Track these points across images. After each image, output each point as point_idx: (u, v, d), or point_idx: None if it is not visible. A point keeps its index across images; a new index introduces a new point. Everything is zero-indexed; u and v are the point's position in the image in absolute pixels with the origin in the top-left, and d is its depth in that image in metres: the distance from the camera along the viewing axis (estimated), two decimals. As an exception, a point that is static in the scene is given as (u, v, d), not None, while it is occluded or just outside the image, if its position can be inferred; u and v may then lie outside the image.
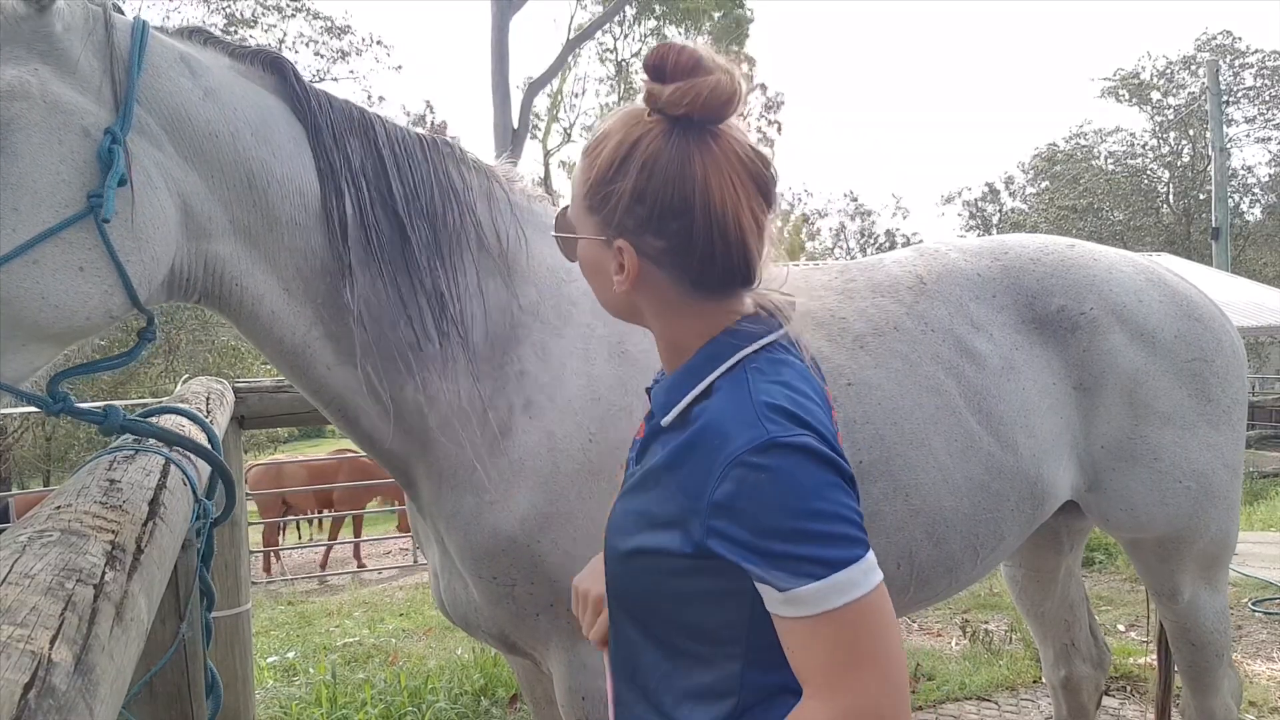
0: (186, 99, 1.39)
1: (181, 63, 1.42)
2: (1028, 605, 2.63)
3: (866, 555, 0.86)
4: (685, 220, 0.95)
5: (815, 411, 0.92)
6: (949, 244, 2.16)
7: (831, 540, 0.85)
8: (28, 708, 0.59)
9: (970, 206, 39.83)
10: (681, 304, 1.01)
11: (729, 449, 0.88)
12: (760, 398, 0.91)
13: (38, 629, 0.69)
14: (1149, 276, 2.14)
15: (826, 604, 0.84)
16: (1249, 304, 13.89)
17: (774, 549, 0.84)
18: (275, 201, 1.47)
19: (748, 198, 0.96)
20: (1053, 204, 30.84)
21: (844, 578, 0.84)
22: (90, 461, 1.36)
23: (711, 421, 0.92)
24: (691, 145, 0.95)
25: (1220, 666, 2.26)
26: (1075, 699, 2.63)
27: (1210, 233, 18.58)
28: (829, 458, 0.88)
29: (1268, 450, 13.60)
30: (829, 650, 0.85)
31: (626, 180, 0.97)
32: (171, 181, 1.37)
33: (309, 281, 1.52)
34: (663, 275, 0.99)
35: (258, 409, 2.88)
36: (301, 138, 1.52)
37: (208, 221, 1.42)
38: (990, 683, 4.02)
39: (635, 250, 0.99)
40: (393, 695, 3.92)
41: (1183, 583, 2.18)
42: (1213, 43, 29.23)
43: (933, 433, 1.85)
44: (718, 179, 0.95)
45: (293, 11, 16.50)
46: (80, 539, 0.93)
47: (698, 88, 0.94)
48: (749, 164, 0.97)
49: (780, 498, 0.85)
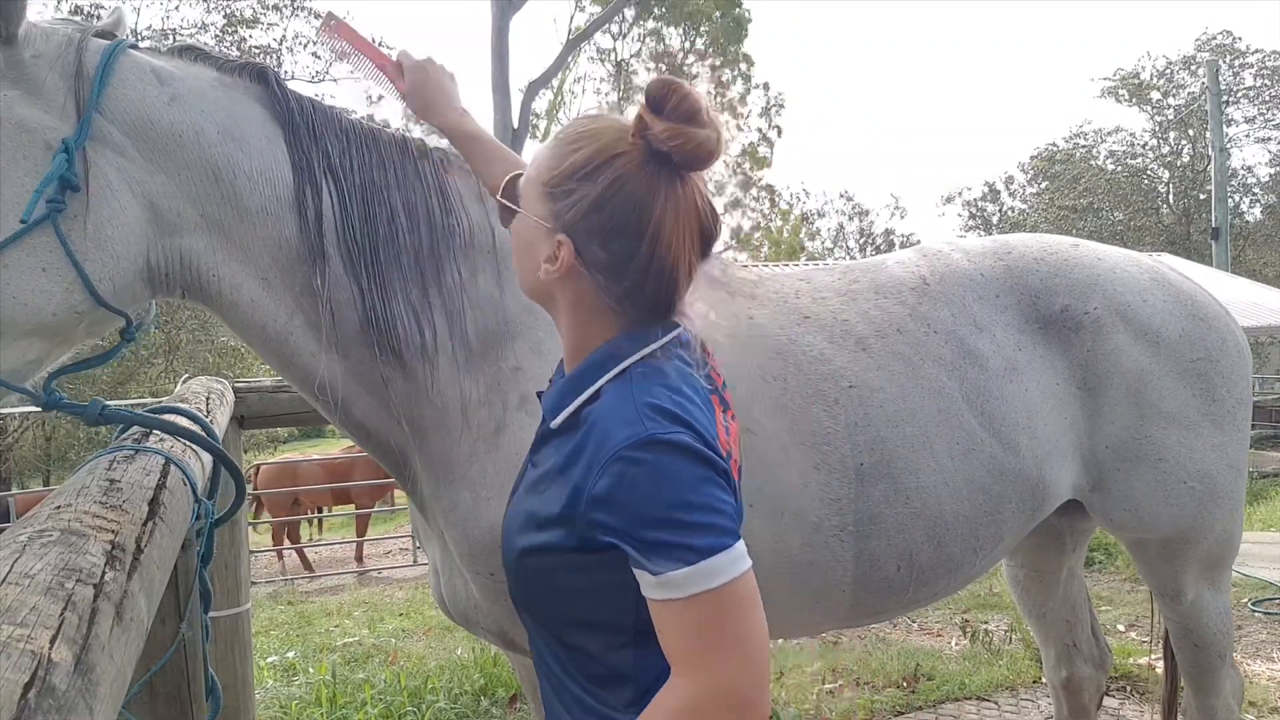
0: (150, 106, 1.48)
1: (151, 74, 1.50)
2: (1029, 605, 2.62)
3: (735, 545, 0.93)
4: (632, 246, 1.01)
5: (694, 411, 0.98)
6: (951, 244, 2.16)
7: (701, 529, 0.91)
8: (27, 707, 0.59)
9: (970, 206, 39.83)
10: (597, 311, 1.06)
11: (609, 445, 0.94)
12: (642, 399, 0.97)
13: (37, 629, 0.69)
14: (1153, 276, 2.13)
15: (694, 587, 0.90)
16: (1249, 304, 13.88)
17: (648, 536, 0.91)
18: (243, 193, 1.53)
19: (690, 247, 1.03)
20: (1053, 204, 30.83)
21: (711, 564, 0.90)
22: (90, 461, 1.36)
23: (596, 422, 0.98)
24: (661, 182, 1.01)
25: (1223, 667, 2.26)
26: (1076, 699, 2.63)
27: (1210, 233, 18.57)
28: (703, 454, 0.94)
29: (1268, 450, 13.60)
30: (695, 631, 0.91)
31: (593, 187, 1.01)
32: (135, 184, 1.46)
33: (286, 270, 1.56)
34: (590, 281, 1.04)
35: (258, 409, 2.88)
36: (277, 136, 1.58)
37: (177, 217, 1.50)
38: (990, 683, 4.02)
39: (575, 250, 1.03)
40: (392, 695, 3.92)
41: (1186, 583, 2.17)
42: (1213, 43, 29.22)
43: (935, 435, 1.85)
44: (672, 222, 1.01)
45: (292, 11, 16.48)
46: (80, 539, 0.93)
47: (688, 137, 1.00)
48: (702, 217, 1.04)
49: (655, 489, 0.91)
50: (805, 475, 1.77)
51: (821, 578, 1.81)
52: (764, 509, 1.73)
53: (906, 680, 4.10)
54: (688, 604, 0.90)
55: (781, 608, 1.84)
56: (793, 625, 1.99)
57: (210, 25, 16.06)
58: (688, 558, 0.89)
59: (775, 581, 1.79)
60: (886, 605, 1.95)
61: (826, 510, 1.78)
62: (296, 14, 16.55)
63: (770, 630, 1.94)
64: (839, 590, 1.84)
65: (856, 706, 3.80)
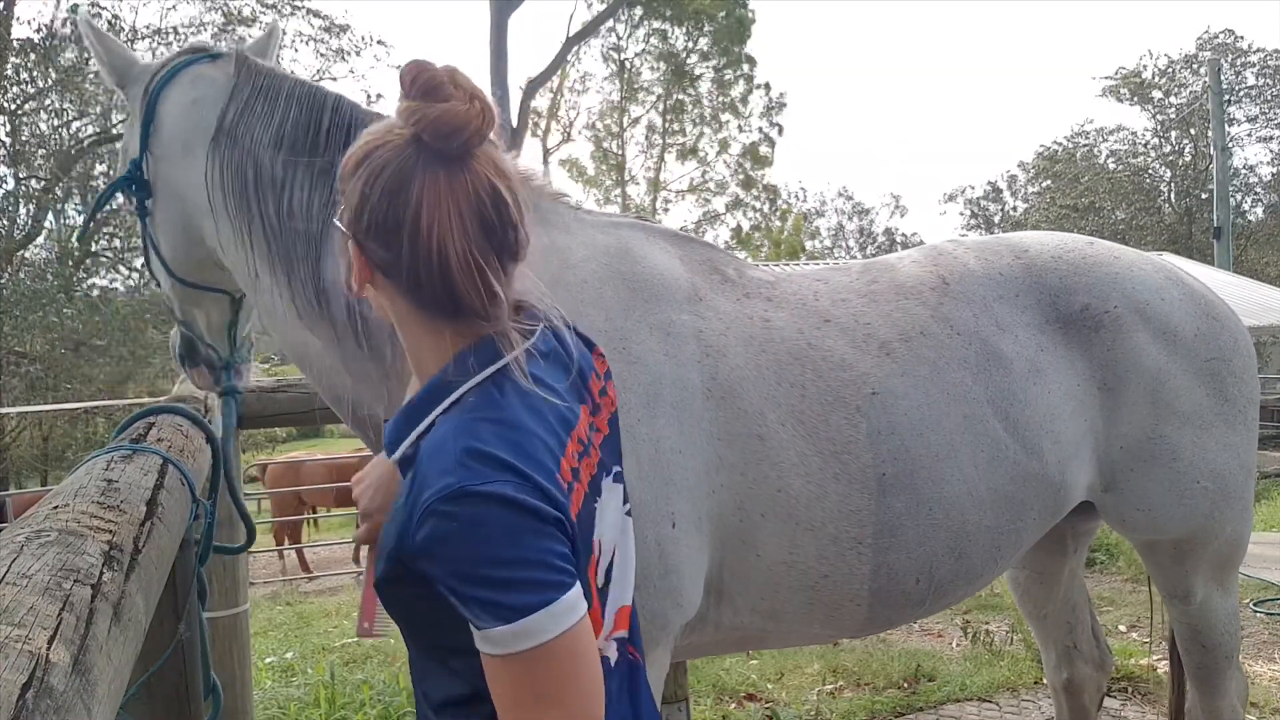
0: (180, 113, 1.71)
1: (189, 84, 1.73)
2: (1030, 607, 2.60)
3: (559, 599, 0.87)
4: (396, 239, 0.94)
5: (528, 448, 0.91)
6: (963, 242, 2.12)
7: (517, 586, 0.86)
8: (25, 708, 0.58)
9: (972, 205, 39.85)
10: (411, 317, 1.00)
11: (424, 496, 0.88)
12: (462, 442, 0.90)
13: (35, 629, 0.69)
14: (1168, 275, 2.10)
15: (512, 646, 0.86)
16: (1250, 303, 13.89)
17: (465, 592, 0.86)
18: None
19: (465, 237, 0.94)
20: (1054, 203, 30.85)
21: (529, 624, 0.85)
22: (88, 461, 1.36)
23: (419, 465, 0.92)
24: (418, 169, 0.94)
25: (1230, 669, 2.24)
26: (1077, 701, 2.61)
27: (1212, 232, 18.58)
28: (524, 504, 0.87)
29: (1269, 450, 13.59)
30: (514, 687, 0.88)
31: (357, 182, 0.97)
32: (175, 182, 1.72)
33: (269, 249, 1.66)
34: (390, 284, 0.99)
35: (256, 409, 2.87)
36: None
37: (194, 205, 1.70)
38: (991, 684, 4.01)
39: (362, 252, 0.99)
40: (391, 695, 3.91)
41: (1196, 585, 2.15)
42: (1215, 41, 29.23)
43: (960, 443, 1.80)
44: (432, 210, 0.93)
45: (291, 10, 16.47)
46: (78, 539, 0.93)
47: (424, 111, 0.93)
48: (478, 203, 0.95)
49: (466, 546, 0.86)
50: (823, 485, 1.72)
51: (836, 591, 1.76)
52: (776, 520, 1.69)
53: (907, 681, 4.09)
54: (507, 661, 0.87)
55: (793, 620, 1.80)
56: (803, 637, 1.93)
57: (209, 24, 16.07)
58: (505, 615, 0.85)
59: (787, 594, 1.76)
60: (902, 617, 1.90)
61: (844, 522, 1.73)
62: (295, 13, 16.55)
63: (780, 642, 1.92)
64: (854, 604, 1.79)
65: (857, 707, 3.79)
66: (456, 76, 0.96)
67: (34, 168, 15.30)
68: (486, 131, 0.96)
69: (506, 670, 0.87)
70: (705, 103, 28.10)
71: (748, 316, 1.79)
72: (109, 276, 16.67)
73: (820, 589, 1.75)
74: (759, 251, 28.82)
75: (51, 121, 15.66)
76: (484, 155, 0.97)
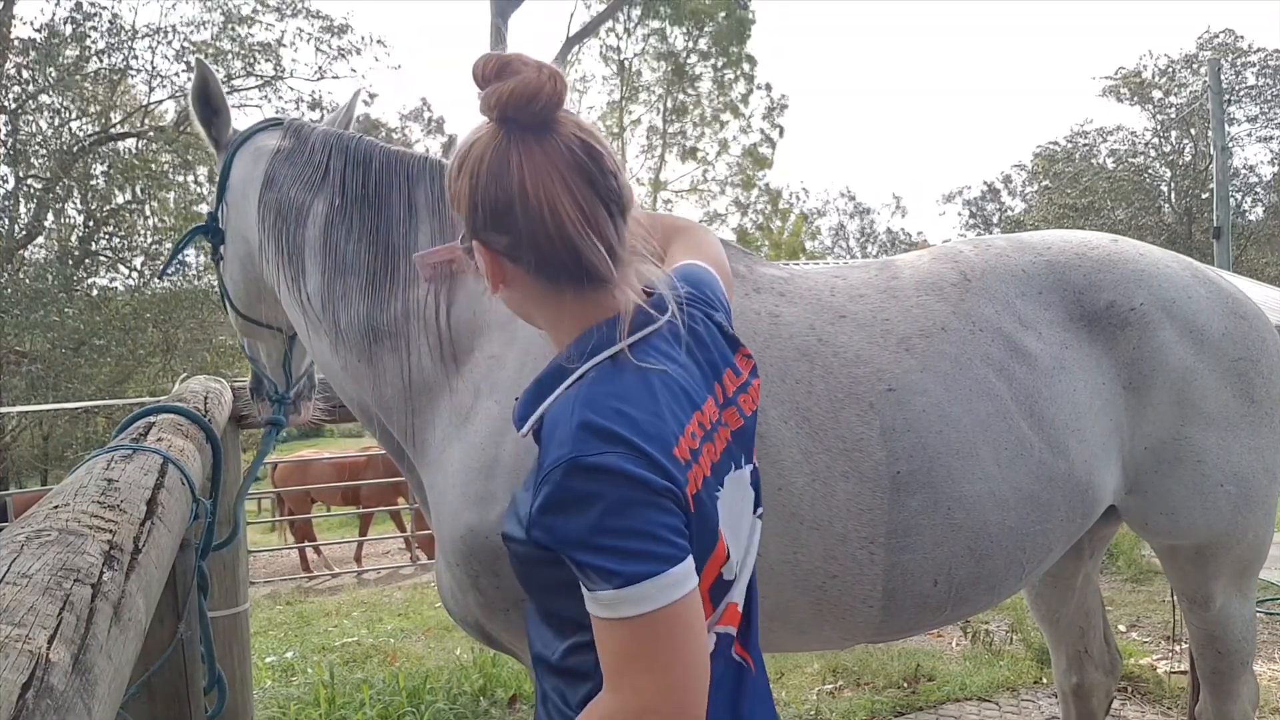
0: (244, 173, 1.97)
1: (254, 147, 1.99)
2: (1043, 611, 2.55)
3: (668, 571, 0.90)
4: (511, 216, 1.00)
5: (641, 421, 0.95)
6: (983, 240, 2.08)
7: (626, 555, 0.89)
8: (25, 707, 0.58)
9: (971, 205, 39.80)
10: (546, 297, 1.06)
11: (544, 466, 0.95)
12: (578, 416, 0.95)
13: (35, 629, 0.69)
14: (1194, 272, 2.05)
15: (619, 611, 0.90)
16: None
17: (577, 557, 0.91)
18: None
19: (570, 192, 0.99)
20: (1054, 203, 30.79)
21: (635, 591, 0.89)
22: (88, 460, 1.35)
23: (543, 437, 0.99)
24: (513, 145, 1.00)
25: (1244, 674, 2.19)
26: (1085, 705, 2.57)
27: (1212, 232, 18.55)
28: (634, 476, 0.91)
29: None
30: (619, 651, 0.91)
31: (463, 181, 1.03)
32: (240, 230, 1.99)
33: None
34: (520, 270, 1.04)
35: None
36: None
37: (256, 248, 1.96)
38: (991, 683, 4.01)
39: (486, 248, 1.04)
40: (391, 695, 3.92)
41: (1216, 590, 2.09)
42: (1215, 41, 29.19)
43: (981, 441, 1.75)
44: (535, 177, 0.98)
45: (291, 11, 16.45)
46: (78, 538, 0.93)
47: (500, 89, 1.00)
48: (574, 159, 1.00)
49: (578, 514, 0.91)
50: (830, 483, 1.68)
51: (846, 591, 1.72)
52: (778, 518, 1.66)
53: (907, 681, 4.09)
54: (614, 625, 0.90)
55: (801, 623, 1.76)
56: (816, 640, 1.87)
57: (209, 23, 16.05)
58: (613, 581, 0.89)
59: (792, 595, 1.72)
60: (921, 622, 1.85)
61: (854, 521, 1.69)
62: (295, 14, 16.53)
63: (791, 645, 1.92)
64: (867, 606, 1.75)
65: (856, 707, 3.80)
66: (522, 56, 1.03)
67: (34, 167, 15.29)
68: (561, 96, 1.02)
69: (611, 633, 0.91)
70: (706, 103, 28.07)
71: (754, 312, 1.77)
72: (109, 276, 16.69)
73: (828, 589, 1.72)
74: (759, 252, 28.81)
75: (52, 121, 15.64)
76: (565, 118, 1.02)
